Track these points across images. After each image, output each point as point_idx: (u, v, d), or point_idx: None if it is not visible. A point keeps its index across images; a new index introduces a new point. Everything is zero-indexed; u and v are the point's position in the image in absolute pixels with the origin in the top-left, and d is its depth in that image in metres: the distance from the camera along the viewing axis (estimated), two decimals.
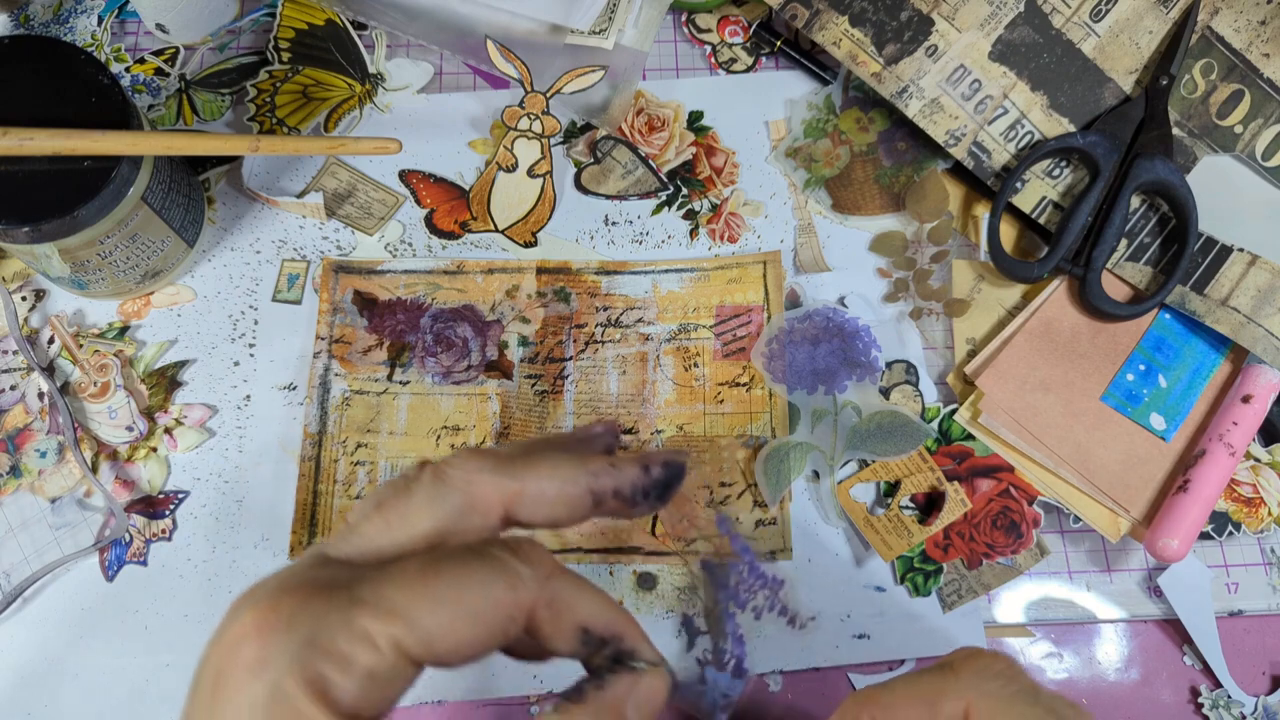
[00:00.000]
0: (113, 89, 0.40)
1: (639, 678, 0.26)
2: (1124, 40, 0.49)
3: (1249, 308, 0.46)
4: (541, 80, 0.49)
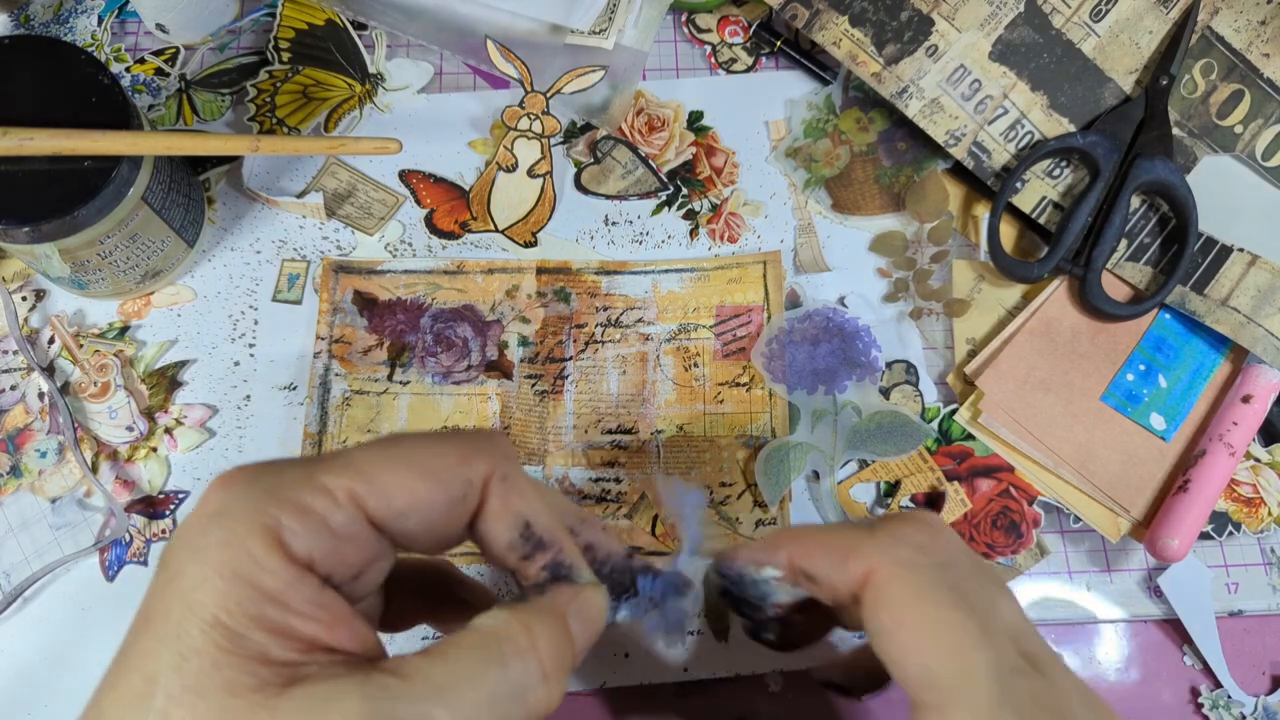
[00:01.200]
0: (113, 89, 0.40)
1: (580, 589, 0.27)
2: (1124, 40, 0.49)
3: (1249, 308, 0.46)
4: (541, 80, 0.49)
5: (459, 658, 0.23)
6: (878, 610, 0.26)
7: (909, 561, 0.26)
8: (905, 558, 0.26)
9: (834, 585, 0.27)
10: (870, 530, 0.27)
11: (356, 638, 0.24)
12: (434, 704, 0.22)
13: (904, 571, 0.26)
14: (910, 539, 0.27)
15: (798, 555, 0.28)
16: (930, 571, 0.26)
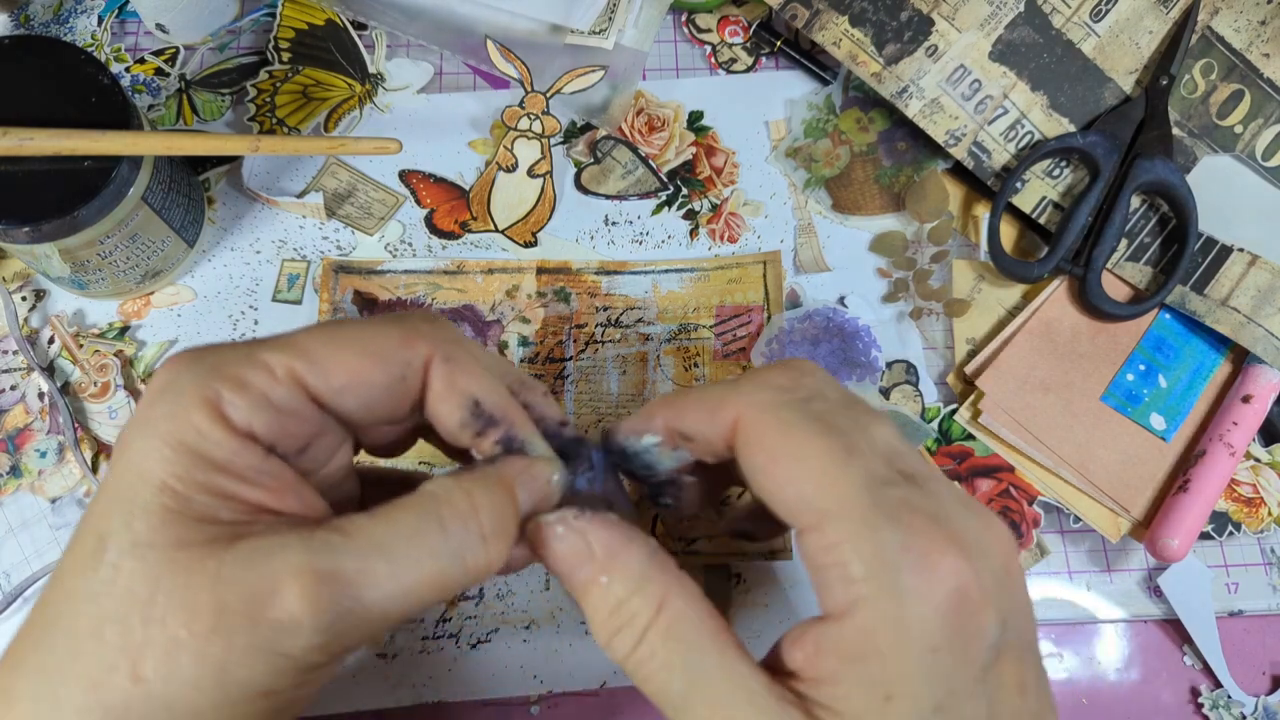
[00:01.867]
0: (113, 89, 0.40)
1: (532, 462, 0.27)
2: (1124, 40, 0.49)
3: (1249, 308, 0.46)
4: (541, 80, 0.49)
5: (400, 519, 0.24)
6: (749, 453, 0.26)
7: (771, 402, 0.26)
8: (767, 399, 0.26)
9: (709, 440, 0.27)
10: (735, 381, 0.28)
11: (304, 503, 0.25)
12: (375, 558, 0.23)
13: (768, 412, 0.26)
14: (772, 381, 0.27)
15: (670, 418, 0.28)
16: (793, 407, 0.26)
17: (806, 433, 0.25)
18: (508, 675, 0.42)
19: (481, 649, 0.42)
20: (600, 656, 0.42)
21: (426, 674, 0.41)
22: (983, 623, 0.23)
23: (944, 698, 0.23)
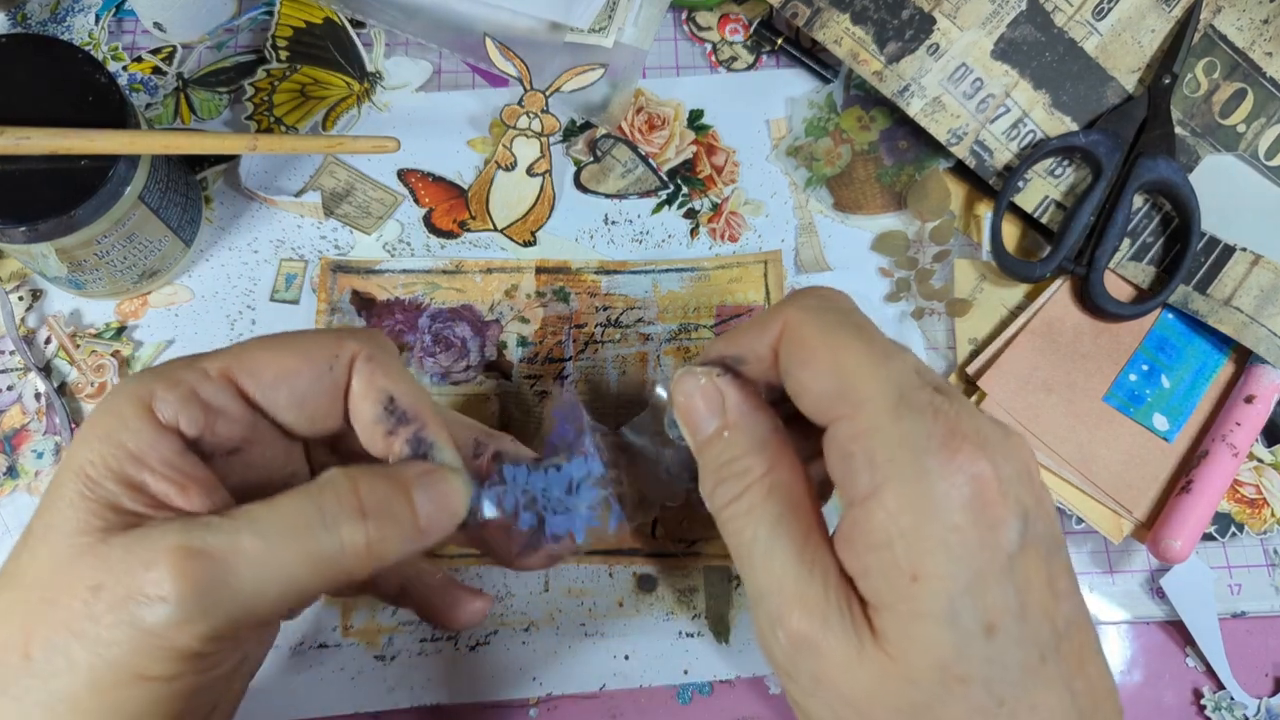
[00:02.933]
0: (110, 88, 0.40)
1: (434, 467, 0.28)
2: (1126, 39, 0.49)
3: (1252, 307, 0.46)
4: (541, 78, 0.49)
5: (280, 500, 0.26)
6: (791, 351, 0.27)
7: (816, 307, 0.28)
8: (812, 304, 0.28)
9: (759, 356, 0.28)
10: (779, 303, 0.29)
11: (212, 503, 0.26)
12: (245, 535, 0.24)
13: (812, 315, 0.27)
14: (817, 292, 0.29)
15: (725, 349, 0.29)
16: (835, 313, 0.27)
17: (847, 334, 0.26)
18: (506, 677, 0.41)
19: (480, 651, 0.42)
20: (600, 659, 0.42)
21: (425, 676, 0.41)
22: (1002, 512, 0.24)
23: (971, 580, 0.23)
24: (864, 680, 0.25)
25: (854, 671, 0.25)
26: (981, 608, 0.23)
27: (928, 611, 0.24)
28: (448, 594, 0.35)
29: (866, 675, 0.24)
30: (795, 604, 0.25)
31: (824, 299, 0.28)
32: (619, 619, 0.42)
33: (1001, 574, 0.24)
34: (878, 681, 0.24)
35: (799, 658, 0.25)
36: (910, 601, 0.24)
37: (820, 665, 0.25)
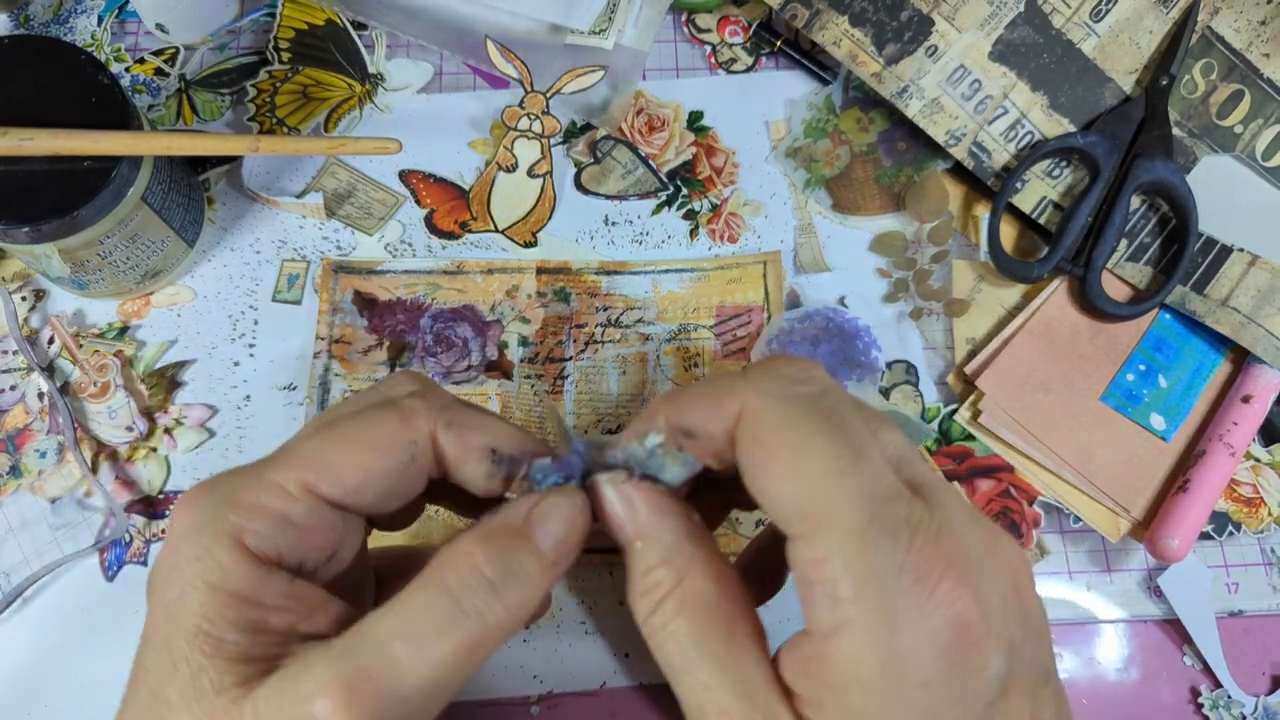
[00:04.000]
0: (112, 89, 0.40)
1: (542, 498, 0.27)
2: (1124, 40, 0.49)
3: (1249, 308, 0.46)
4: (541, 80, 0.49)
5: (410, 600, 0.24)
6: (749, 446, 0.24)
7: (779, 392, 0.25)
8: (775, 389, 0.25)
9: (711, 434, 0.26)
10: (742, 373, 0.26)
11: (332, 619, 0.25)
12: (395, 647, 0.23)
13: (774, 402, 0.24)
14: (781, 372, 0.25)
15: (672, 414, 0.27)
16: (802, 401, 0.24)
17: (812, 430, 0.23)
18: (507, 675, 0.42)
19: None
20: (600, 657, 0.42)
21: None
22: (985, 655, 0.22)
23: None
24: None
25: None
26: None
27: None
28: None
29: None
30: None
31: (789, 381, 0.25)
32: (619, 617, 0.43)
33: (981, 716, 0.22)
34: None
35: None
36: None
37: None
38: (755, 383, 0.25)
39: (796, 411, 0.24)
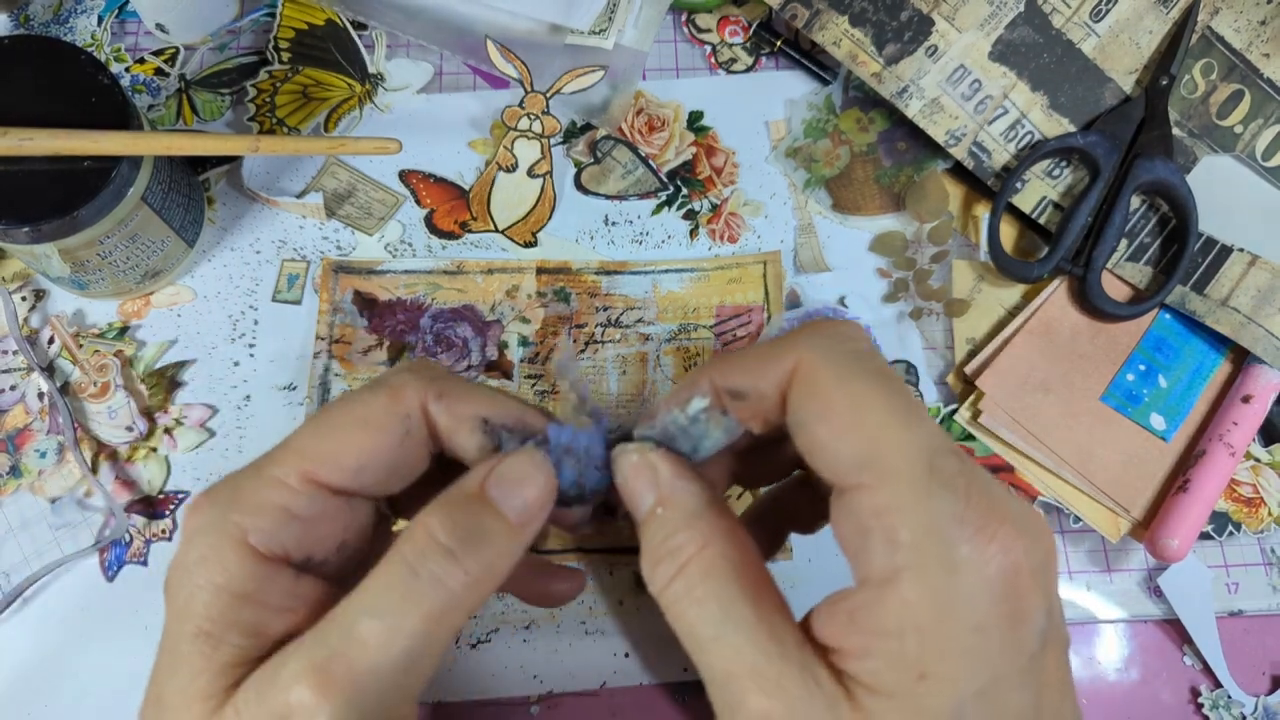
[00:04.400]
0: (112, 89, 0.40)
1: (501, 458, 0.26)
2: (1124, 40, 0.49)
3: (1249, 308, 0.46)
4: (541, 80, 0.49)
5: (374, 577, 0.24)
6: (805, 400, 0.24)
7: (834, 349, 0.25)
8: (830, 346, 0.25)
9: (761, 394, 0.26)
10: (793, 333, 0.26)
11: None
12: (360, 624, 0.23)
13: (831, 358, 0.24)
14: (832, 330, 0.26)
15: (720, 376, 0.27)
16: (857, 358, 0.24)
17: (869, 384, 0.24)
18: (508, 675, 0.42)
19: (481, 649, 0.42)
20: (600, 657, 0.42)
21: None
22: (1032, 606, 0.22)
23: (987, 683, 0.22)
24: None
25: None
26: (992, 713, 0.22)
27: (930, 710, 0.22)
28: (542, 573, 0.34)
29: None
30: (752, 685, 0.23)
31: (840, 338, 0.25)
32: (619, 617, 0.43)
33: (1021, 676, 0.22)
34: None
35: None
36: (913, 698, 0.22)
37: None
38: (808, 341, 0.25)
39: (853, 367, 0.24)
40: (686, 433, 0.27)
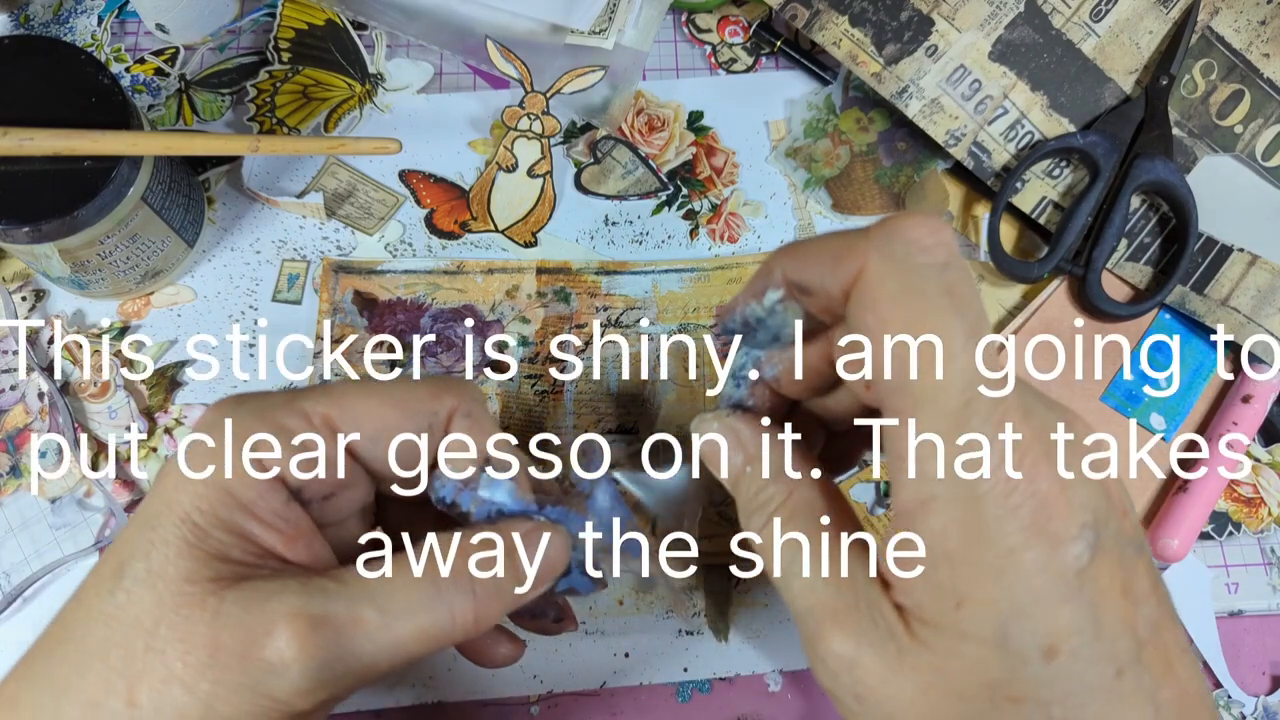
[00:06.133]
0: (113, 89, 0.40)
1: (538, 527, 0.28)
2: (1124, 40, 0.49)
3: (1249, 308, 0.46)
4: (541, 80, 0.49)
5: (395, 570, 0.25)
6: (862, 312, 0.24)
7: (902, 258, 0.23)
8: (899, 254, 0.23)
9: (828, 292, 0.25)
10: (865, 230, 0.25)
11: (312, 553, 0.26)
12: (366, 607, 0.24)
13: (895, 268, 0.23)
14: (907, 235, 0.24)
15: (791, 267, 0.26)
16: (925, 271, 0.23)
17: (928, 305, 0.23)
18: (508, 675, 0.42)
19: None
20: (600, 657, 0.42)
21: (426, 674, 0.41)
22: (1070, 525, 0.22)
23: (1026, 604, 0.22)
24: (907, 694, 0.23)
25: (895, 685, 0.23)
26: (1039, 631, 0.22)
27: (975, 634, 0.22)
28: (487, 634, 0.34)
29: (909, 688, 0.23)
30: (828, 621, 0.24)
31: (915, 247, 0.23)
32: (619, 617, 0.43)
33: (1067, 594, 0.22)
34: (921, 695, 0.23)
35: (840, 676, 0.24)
36: (955, 625, 0.22)
37: (860, 682, 0.24)
38: (878, 244, 0.24)
39: (916, 282, 0.23)
40: (765, 323, 0.28)
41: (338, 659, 0.23)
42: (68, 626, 0.25)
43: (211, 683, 0.23)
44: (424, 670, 0.41)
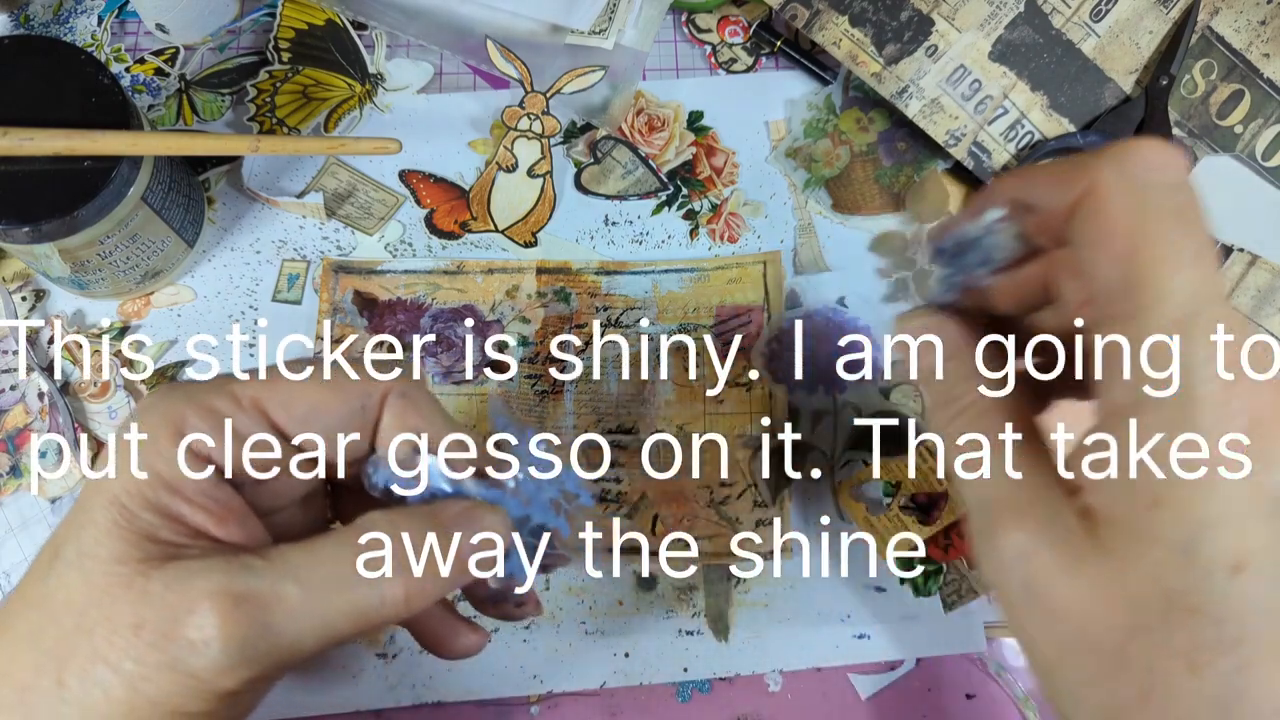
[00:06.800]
0: (113, 89, 0.40)
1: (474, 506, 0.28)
2: (1124, 40, 0.49)
3: (1249, 308, 0.46)
4: (541, 80, 0.49)
5: (320, 546, 0.25)
6: (1087, 220, 0.24)
7: (1136, 176, 0.24)
8: (1131, 172, 0.24)
9: (1051, 209, 0.26)
10: (1098, 150, 0.25)
11: (245, 532, 0.26)
12: (288, 583, 0.24)
13: (1128, 184, 0.24)
14: (1142, 154, 0.24)
15: (1016, 186, 0.27)
16: (1157, 188, 0.24)
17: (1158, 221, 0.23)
18: (508, 675, 0.42)
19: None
20: (600, 657, 0.42)
21: (426, 674, 0.41)
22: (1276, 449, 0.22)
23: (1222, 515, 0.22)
24: (1080, 593, 0.23)
25: (1069, 582, 0.24)
26: (1230, 546, 0.22)
27: (1163, 538, 0.22)
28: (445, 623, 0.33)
29: (1084, 588, 0.23)
30: (1007, 512, 0.25)
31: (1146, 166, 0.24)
32: (619, 617, 0.43)
33: (1267, 514, 0.22)
34: (1095, 596, 0.23)
35: (1013, 566, 0.25)
36: (1145, 525, 0.22)
37: (1033, 573, 0.24)
38: (1111, 165, 0.24)
39: (1148, 198, 0.24)
40: (979, 243, 0.28)
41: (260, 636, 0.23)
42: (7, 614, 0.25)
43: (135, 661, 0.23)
44: (424, 670, 0.41)
